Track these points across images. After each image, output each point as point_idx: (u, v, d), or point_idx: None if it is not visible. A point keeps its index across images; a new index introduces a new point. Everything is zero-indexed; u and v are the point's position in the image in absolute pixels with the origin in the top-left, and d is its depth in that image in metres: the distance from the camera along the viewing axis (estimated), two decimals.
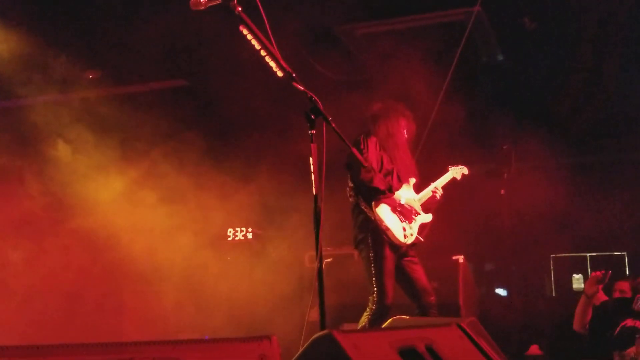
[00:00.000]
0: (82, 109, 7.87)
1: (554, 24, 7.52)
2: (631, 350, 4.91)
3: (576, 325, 5.74)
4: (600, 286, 5.68)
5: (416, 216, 5.20)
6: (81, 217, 7.53)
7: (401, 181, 5.20)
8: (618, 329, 5.49)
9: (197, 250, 7.82)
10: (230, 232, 8.28)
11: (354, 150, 3.67)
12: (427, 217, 5.31)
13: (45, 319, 7.33)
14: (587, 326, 5.67)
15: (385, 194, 5.03)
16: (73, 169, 7.64)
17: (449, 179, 5.55)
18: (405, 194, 5.17)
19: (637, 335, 5.02)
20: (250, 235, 8.26)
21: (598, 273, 5.61)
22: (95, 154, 7.76)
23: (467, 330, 3.11)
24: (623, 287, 5.89)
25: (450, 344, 2.83)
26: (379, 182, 5.01)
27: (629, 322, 5.46)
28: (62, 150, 7.68)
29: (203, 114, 8.85)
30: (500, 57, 8.39)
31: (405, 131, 5.36)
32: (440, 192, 5.38)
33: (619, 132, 8.89)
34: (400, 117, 5.33)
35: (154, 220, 7.64)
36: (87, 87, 8.24)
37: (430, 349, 2.58)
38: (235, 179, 7.84)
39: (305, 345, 2.18)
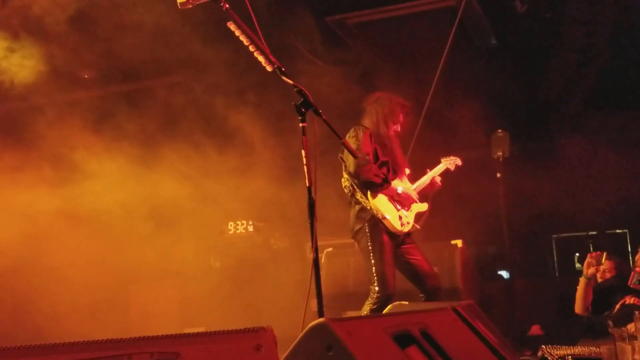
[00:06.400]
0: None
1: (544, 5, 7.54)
2: (630, 327, 4.94)
3: (578, 309, 5.71)
4: (598, 267, 5.71)
5: (413, 204, 5.23)
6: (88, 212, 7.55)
7: (396, 172, 5.22)
8: (617, 307, 5.53)
9: (198, 245, 7.86)
10: (230, 225, 8.33)
11: (346, 142, 3.68)
12: (422, 206, 5.33)
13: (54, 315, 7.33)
14: (590, 308, 5.69)
15: (381, 185, 5.05)
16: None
17: (441, 170, 5.55)
18: (402, 184, 5.21)
19: (635, 312, 5.06)
20: (251, 228, 8.30)
21: (594, 254, 5.65)
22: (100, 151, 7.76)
23: (463, 313, 3.16)
24: (606, 267, 5.91)
25: (445, 328, 2.88)
26: (374, 174, 5.03)
27: (629, 299, 5.49)
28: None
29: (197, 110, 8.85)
30: (493, 41, 8.39)
31: (399, 124, 5.34)
32: (438, 178, 5.43)
33: (610, 109, 8.88)
34: (398, 110, 5.30)
35: (154, 215, 7.66)
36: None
37: (424, 333, 2.63)
38: (234, 172, 7.85)
39: (301, 334, 2.23)
